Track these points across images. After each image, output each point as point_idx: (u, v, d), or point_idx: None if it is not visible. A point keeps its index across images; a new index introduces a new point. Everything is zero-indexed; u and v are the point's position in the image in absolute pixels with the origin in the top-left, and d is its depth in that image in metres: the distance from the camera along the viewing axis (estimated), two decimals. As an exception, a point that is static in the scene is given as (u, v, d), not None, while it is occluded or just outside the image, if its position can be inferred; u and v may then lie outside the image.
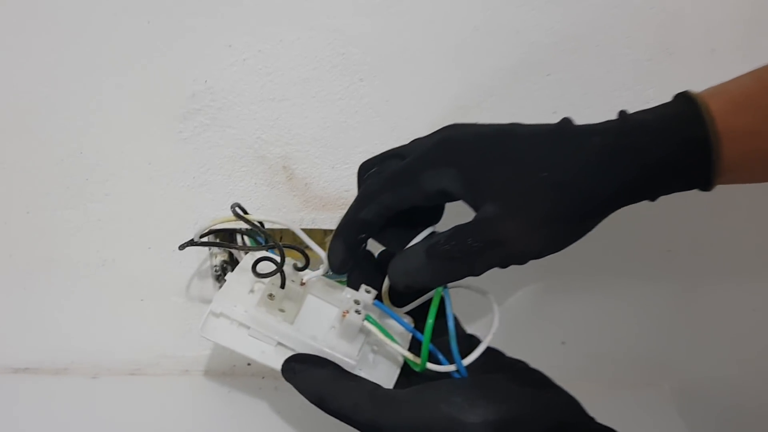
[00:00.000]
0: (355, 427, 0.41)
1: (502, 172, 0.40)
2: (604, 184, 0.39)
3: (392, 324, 0.49)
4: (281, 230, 0.68)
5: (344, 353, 0.46)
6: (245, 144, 0.57)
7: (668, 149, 0.39)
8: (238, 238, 0.64)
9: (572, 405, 0.41)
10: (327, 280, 0.52)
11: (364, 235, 0.44)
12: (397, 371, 0.49)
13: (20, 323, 0.67)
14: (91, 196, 0.59)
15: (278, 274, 0.48)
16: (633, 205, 0.40)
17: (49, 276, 0.64)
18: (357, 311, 0.45)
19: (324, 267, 0.49)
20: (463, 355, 0.44)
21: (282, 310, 0.48)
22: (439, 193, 0.42)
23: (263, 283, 0.49)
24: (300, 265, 0.50)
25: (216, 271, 0.65)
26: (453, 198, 0.42)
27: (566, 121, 0.42)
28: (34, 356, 0.70)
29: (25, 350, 0.69)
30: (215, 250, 0.64)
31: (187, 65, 0.53)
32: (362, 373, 0.46)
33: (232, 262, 0.66)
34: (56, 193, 0.59)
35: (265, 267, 0.48)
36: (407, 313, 0.51)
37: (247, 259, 0.52)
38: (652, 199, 0.40)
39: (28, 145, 0.56)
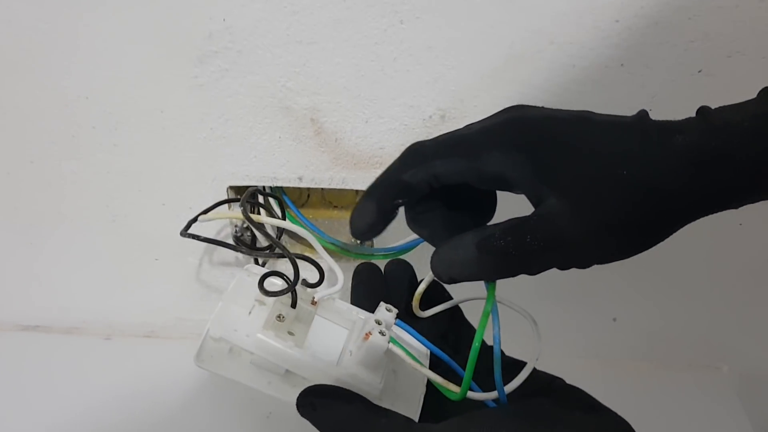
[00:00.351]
0: None
1: (574, 165, 0.35)
2: (689, 189, 0.34)
3: (411, 342, 0.44)
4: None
5: (367, 382, 0.41)
6: (268, 93, 0.51)
7: (762, 152, 0.34)
8: (261, 199, 0.59)
9: (626, 427, 0.38)
10: (336, 298, 0.46)
11: (401, 201, 0.38)
12: (422, 397, 0.43)
13: (27, 279, 0.63)
14: (99, 146, 0.54)
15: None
16: None
17: (57, 231, 0.59)
18: (381, 332, 0.40)
19: (340, 283, 0.44)
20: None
21: (291, 333, 0.42)
22: (496, 177, 0.36)
23: (264, 303, 0.42)
24: (311, 281, 0.44)
25: (236, 232, 0.59)
26: (509, 186, 0.37)
27: (644, 114, 0.37)
28: (43, 314, 0.66)
29: (34, 308, 0.66)
30: (236, 210, 0.58)
31: (203, 0, 0.47)
32: (384, 403, 0.41)
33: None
34: (61, 141, 0.54)
35: (274, 283, 0.42)
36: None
37: (242, 277, 0.44)
38: (737, 206, 0.36)
39: (30, 88, 0.51)
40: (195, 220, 0.52)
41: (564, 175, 0.35)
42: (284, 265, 0.47)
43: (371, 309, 0.43)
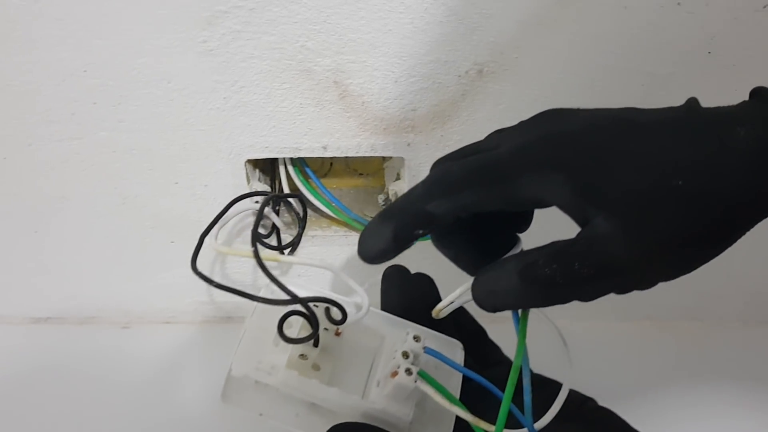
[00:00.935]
0: None
1: (621, 179, 0.31)
2: (756, 191, 0.30)
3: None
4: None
5: (396, 416, 0.39)
6: (286, 54, 0.46)
7: None
8: (281, 171, 0.54)
9: None
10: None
11: (422, 231, 0.34)
12: (452, 422, 0.41)
13: (34, 269, 0.59)
14: (102, 123, 0.49)
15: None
16: None
17: (62, 217, 0.55)
18: (408, 370, 0.38)
19: (365, 310, 0.40)
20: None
21: (316, 368, 0.40)
22: (535, 200, 0.33)
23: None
24: (336, 318, 0.40)
25: (257, 203, 0.54)
26: (548, 206, 0.33)
27: (694, 104, 0.33)
28: (54, 305, 0.62)
29: (44, 299, 0.62)
30: (256, 185, 0.54)
31: (208, -47, 0.42)
32: (413, 430, 0.40)
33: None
34: (60, 120, 0.49)
35: (294, 324, 0.39)
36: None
37: (261, 309, 0.41)
38: None
39: (21, 63, 0.46)
40: (200, 246, 0.47)
41: (611, 192, 0.31)
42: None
43: (403, 314, 0.42)
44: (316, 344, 0.39)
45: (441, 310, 0.42)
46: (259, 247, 0.40)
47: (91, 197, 0.54)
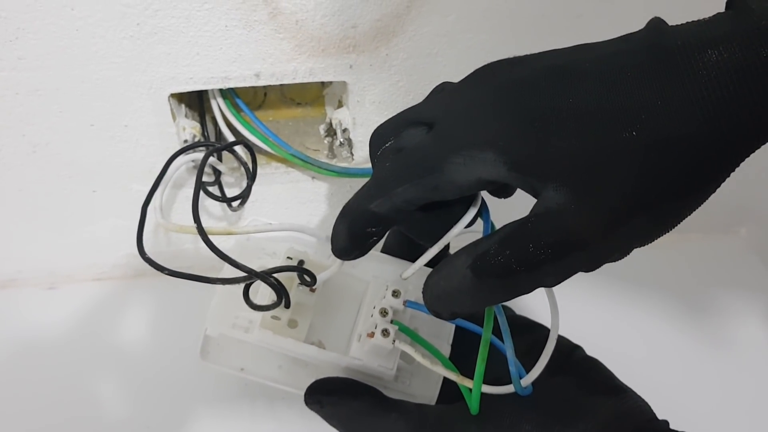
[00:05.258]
0: None
1: (563, 141, 0.27)
2: (733, 130, 0.25)
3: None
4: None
5: (379, 370, 0.38)
6: (205, -31, 0.40)
7: None
8: (213, 105, 0.49)
9: (645, 410, 0.36)
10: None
11: (374, 229, 0.33)
12: (441, 377, 0.40)
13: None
14: (0, 62, 0.42)
15: None
16: None
17: (-35, 171, 0.48)
18: (384, 331, 0.37)
19: (337, 266, 0.38)
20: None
21: (293, 324, 0.39)
22: (478, 182, 0.30)
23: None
24: (306, 279, 0.38)
25: (186, 141, 0.49)
26: (495, 185, 0.31)
27: (656, 26, 0.27)
28: (-33, 269, 0.56)
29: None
30: (183, 122, 0.48)
31: None
32: (399, 384, 0.40)
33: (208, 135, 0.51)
34: (-52, 61, 0.42)
35: (262, 288, 0.38)
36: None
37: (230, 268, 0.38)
38: None
39: None
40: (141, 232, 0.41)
41: (552, 160, 0.27)
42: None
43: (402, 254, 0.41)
44: (287, 306, 0.37)
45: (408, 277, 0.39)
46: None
47: (-5, 148, 0.48)
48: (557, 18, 0.46)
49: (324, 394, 0.37)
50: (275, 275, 0.36)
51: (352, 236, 0.33)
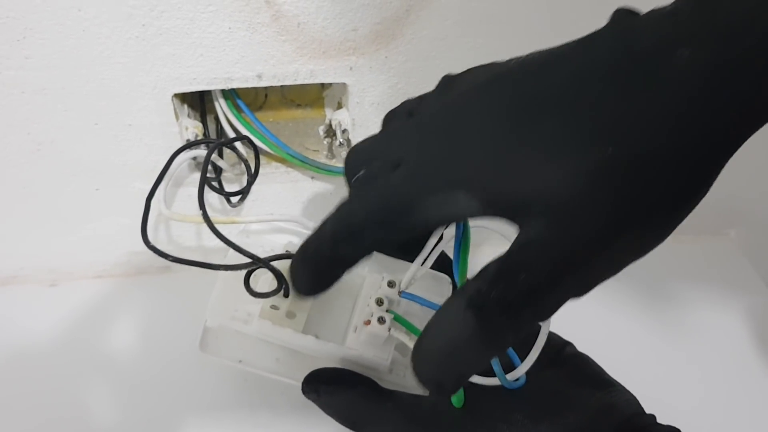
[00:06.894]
0: None
1: (539, 168, 0.26)
2: (711, 134, 0.25)
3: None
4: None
5: (374, 361, 0.39)
6: (210, -28, 0.41)
7: None
8: (216, 105, 0.50)
9: (633, 403, 0.38)
10: None
11: (340, 271, 0.31)
12: None
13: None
14: (6, 61, 0.44)
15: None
16: None
17: (-29, 170, 0.49)
18: (380, 318, 0.38)
19: None
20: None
21: (291, 315, 0.40)
22: (451, 219, 0.30)
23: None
24: None
25: (188, 141, 0.50)
26: (470, 219, 0.30)
27: (620, 21, 0.27)
28: (-30, 266, 0.57)
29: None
30: (185, 122, 0.49)
31: None
32: (395, 375, 0.40)
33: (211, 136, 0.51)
34: (-45, 59, 0.43)
35: (262, 279, 0.39)
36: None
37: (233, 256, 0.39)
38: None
39: None
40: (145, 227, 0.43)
41: (530, 188, 0.26)
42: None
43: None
44: (286, 295, 0.39)
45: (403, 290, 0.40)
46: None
47: (1, 145, 0.48)
48: (554, 22, 0.47)
49: (321, 383, 0.38)
50: (275, 264, 0.37)
51: (320, 281, 0.32)
